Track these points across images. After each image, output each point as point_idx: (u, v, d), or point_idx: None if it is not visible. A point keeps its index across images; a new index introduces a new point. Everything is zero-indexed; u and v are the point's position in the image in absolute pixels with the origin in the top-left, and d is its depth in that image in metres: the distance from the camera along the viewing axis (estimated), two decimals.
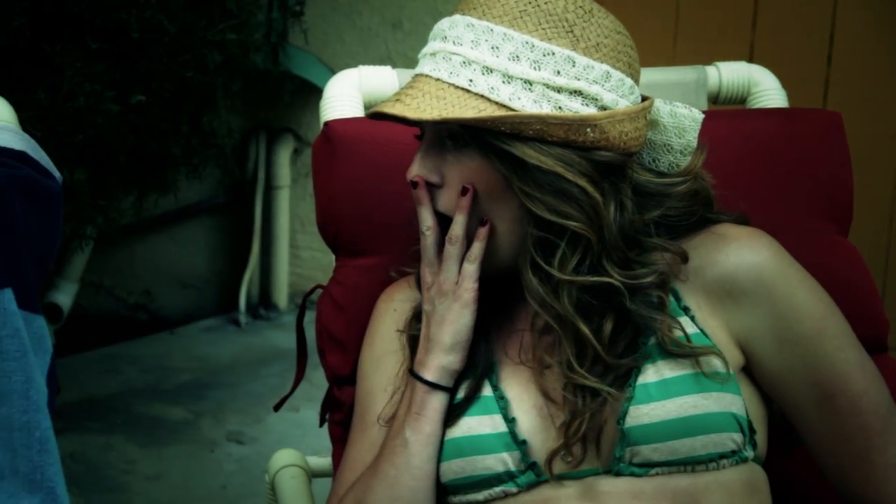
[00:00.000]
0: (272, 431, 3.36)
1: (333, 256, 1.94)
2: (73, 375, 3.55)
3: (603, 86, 1.55)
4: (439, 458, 1.60)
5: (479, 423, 1.59)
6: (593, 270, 1.55)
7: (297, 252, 4.06)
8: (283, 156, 3.93)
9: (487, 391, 1.60)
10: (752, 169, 1.88)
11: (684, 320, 1.57)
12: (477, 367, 1.62)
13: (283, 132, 3.92)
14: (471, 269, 1.59)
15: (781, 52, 3.37)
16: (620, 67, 1.57)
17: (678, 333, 1.55)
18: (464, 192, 1.56)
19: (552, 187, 1.53)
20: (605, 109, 1.55)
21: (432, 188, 1.60)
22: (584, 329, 1.54)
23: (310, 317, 1.87)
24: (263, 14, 3.45)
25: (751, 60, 2.13)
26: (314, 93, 3.81)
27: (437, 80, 1.56)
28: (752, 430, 1.57)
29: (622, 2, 3.64)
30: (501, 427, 1.58)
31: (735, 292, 1.58)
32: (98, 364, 3.65)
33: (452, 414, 1.60)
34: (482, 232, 1.58)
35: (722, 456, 1.54)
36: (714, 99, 2.07)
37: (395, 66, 2.04)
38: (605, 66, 1.55)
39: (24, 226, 1.71)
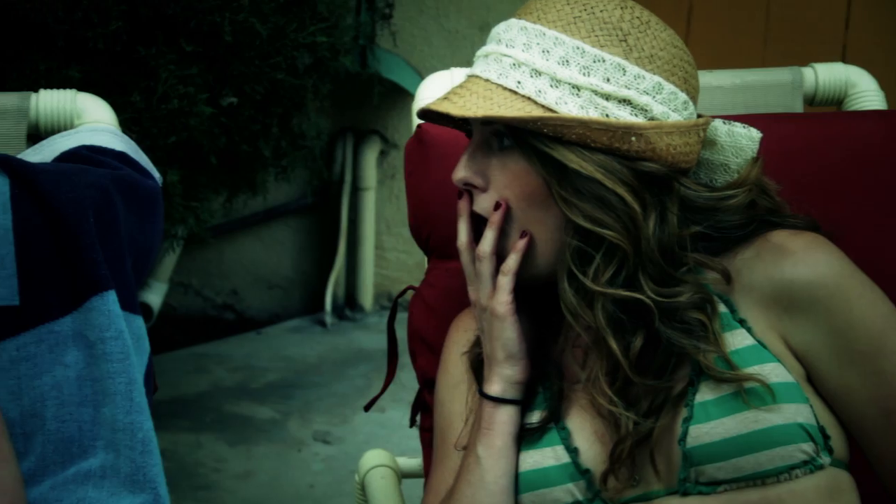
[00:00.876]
0: (359, 432, 3.38)
1: (421, 258, 1.95)
2: (163, 374, 3.60)
3: (654, 97, 1.53)
4: (516, 487, 1.60)
5: (542, 457, 1.58)
6: (628, 284, 1.52)
7: (382, 253, 4.07)
8: (370, 158, 3.94)
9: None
10: (850, 171, 1.86)
11: (740, 332, 1.55)
12: (544, 388, 1.61)
13: (369, 134, 3.94)
14: (504, 281, 1.57)
15: (875, 53, 3.32)
16: (674, 81, 1.54)
17: (718, 359, 1.52)
18: (496, 207, 1.56)
19: (591, 194, 1.51)
20: (654, 121, 1.53)
21: (475, 191, 1.60)
22: (613, 344, 1.52)
23: (399, 317, 1.88)
24: (352, 17, 3.47)
25: (844, 61, 2.10)
26: (401, 95, 3.82)
27: (487, 80, 1.55)
28: (826, 436, 1.53)
29: (712, 4, 3.62)
30: (564, 458, 1.57)
31: (791, 308, 1.55)
32: (187, 363, 3.69)
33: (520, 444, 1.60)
34: (520, 244, 1.56)
35: (793, 468, 1.50)
36: (810, 101, 2.04)
37: None
38: (658, 78, 1.53)
39: (126, 226, 1.73)
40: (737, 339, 1.54)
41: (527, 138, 1.52)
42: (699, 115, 1.60)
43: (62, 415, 1.65)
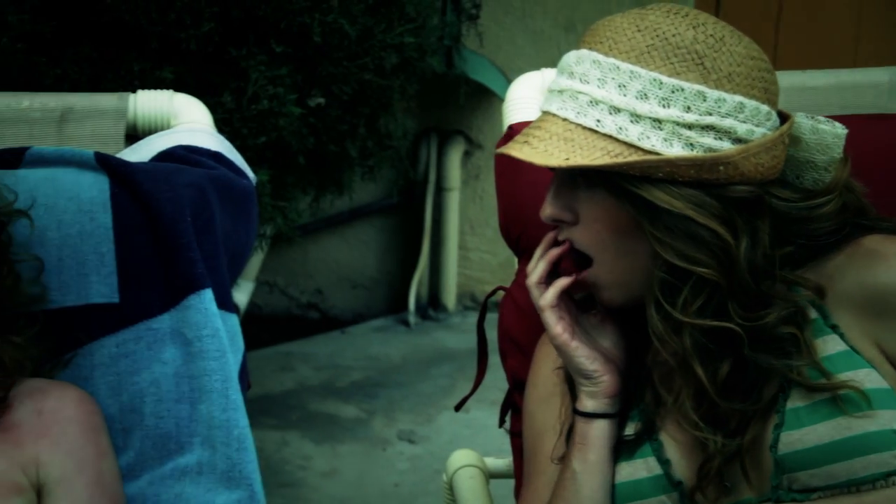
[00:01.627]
0: (443, 431, 3.39)
1: (505, 258, 1.95)
2: (249, 372, 3.63)
3: (736, 118, 1.50)
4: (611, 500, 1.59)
5: (635, 469, 1.58)
6: (717, 312, 1.51)
7: (465, 254, 4.08)
8: (454, 158, 3.95)
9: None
10: None
11: (832, 338, 1.53)
12: (638, 401, 1.61)
13: (454, 134, 3.95)
14: (544, 311, 1.60)
15: None
16: (755, 95, 1.51)
17: (810, 368, 1.50)
18: (557, 243, 1.57)
19: (682, 231, 1.49)
20: (739, 141, 1.50)
21: (565, 225, 1.59)
22: (699, 371, 1.51)
23: (477, 317, 1.88)
24: (439, 17, 3.48)
25: None
26: (486, 95, 3.83)
27: (565, 119, 1.53)
28: None
29: (803, 5, 3.58)
30: (657, 470, 1.57)
31: (885, 313, 1.52)
32: (273, 361, 3.72)
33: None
34: (577, 276, 1.58)
35: (889, 475, 1.48)
36: None
37: None
38: (738, 98, 1.50)
39: (222, 225, 1.76)
40: (829, 346, 1.53)
41: (614, 178, 1.51)
42: (780, 113, 1.57)
43: (160, 411, 1.67)
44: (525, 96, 2.01)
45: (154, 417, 1.67)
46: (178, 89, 1.93)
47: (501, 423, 1.94)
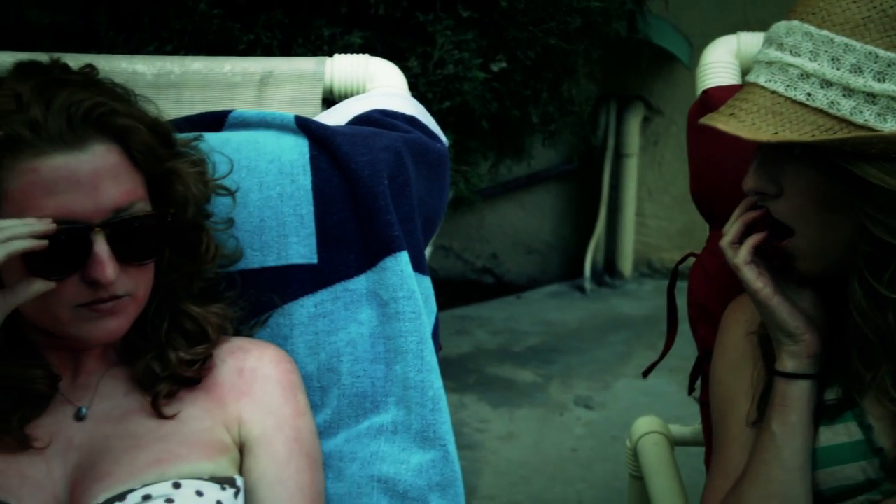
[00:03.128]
0: (620, 398, 3.37)
1: (683, 225, 1.92)
2: None
3: None
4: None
5: (834, 434, 1.56)
6: None
7: (643, 220, 4.05)
8: (633, 124, 3.92)
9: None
10: None
11: None
12: (840, 365, 1.58)
13: (634, 100, 3.91)
14: (741, 268, 1.58)
15: None
16: None
17: None
18: (754, 207, 1.55)
19: (894, 207, 1.46)
20: None
21: (768, 197, 1.56)
22: None
23: (654, 284, 1.85)
24: None
25: None
26: (668, 61, 3.78)
27: (773, 92, 1.50)
28: None
29: None
30: (857, 435, 1.54)
31: None
32: (449, 325, 3.75)
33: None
34: (776, 244, 1.55)
35: None
36: None
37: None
38: None
39: (416, 189, 1.77)
40: None
41: (824, 154, 1.48)
42: None
43: (356, 371, 1.70)
44: (720, 60, 1.97)
45: (351, 377, 1.70)
46: (365, 53, 1.95)
47: (691, 390, 1.92)
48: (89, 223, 1.48)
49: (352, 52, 1.94)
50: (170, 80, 1.84)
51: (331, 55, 1.93)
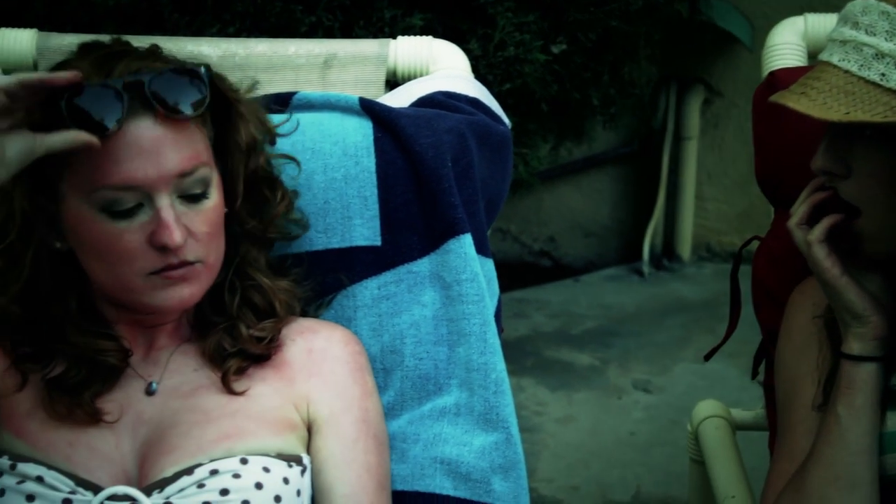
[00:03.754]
0: (679, 382, 3.36)
1: (743, 209, 1.91)
2: None
3: None
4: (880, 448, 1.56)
5: None
6: None
7: (702, 203, 4.02)
8: (694, 106, 3.89)
9: None
10: None
11: None
12: None
13: (694, 82, 3.88)
14: (812, 246, 1.56)
15: None
16: None
17: None
18: (822, 188, 1.52)
19: None
20: None
21: (836, 178, 1.55)
22: None
23: (713, 268, 1.84)
24: None
25: None
26: (728, 43, 3.75)
27: (846, 72, 1.49)
28: None
29: None
30: None
31: None
32: (507, 308, 3.71)
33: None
34: (843, 223, 1.54)
35: None
36: None
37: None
38: None
39: (480, 171, 1.77)
40: None
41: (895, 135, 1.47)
42: None
43: (419, 352, 1.71)
44: (786, 42, 1.96)
45: (414, 358, 1.70)
46: (425, 35, 1.95)
47: (754, 374, 1.91)
48: (154, 189, 1.49)
49: (412, 34, 1.94)
50: (234, 62, 1.84)
51: (391, 37, 1.93)
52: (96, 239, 1.50)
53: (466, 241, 1.71)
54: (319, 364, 1.61)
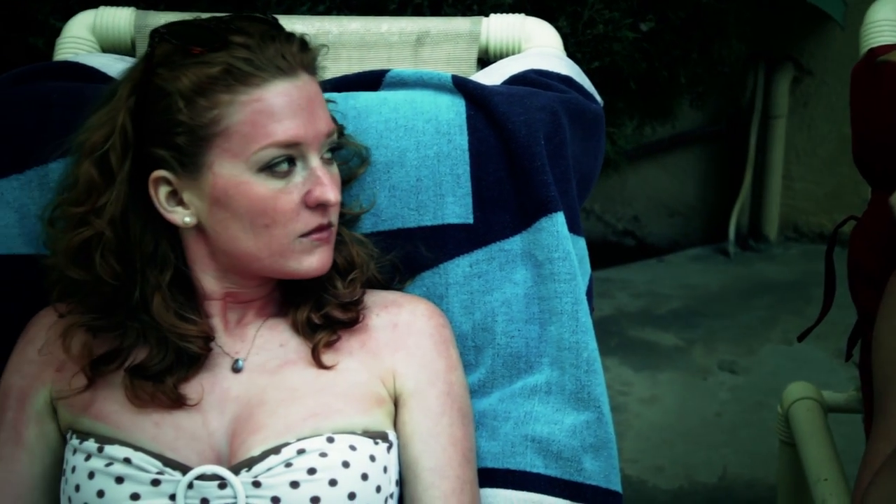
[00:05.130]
0: (766, 363, 3.33)
1: (832, 188, 1.88)
2: None
3: None
4: None
5: None
6: None
7: (790, 183, 3.98)
8: (783, 84, 3.84)
9: None
10: None
11: None
12: None
13: (783, 60, 3.84)
14: None
15: None
16: None
17: None
18: None
19: None
20: None
21: None
22: None
23: (800, 249, 1.82)
24: None
25: None
26: (819, 20, 3.70)
27: None
28: None
29: None
30: None
31: None
32: None
33: None
34: None
35: None
36: None
37: None
38: None
39: (572, 149, 1.76)
40: None
41: None
42: None
43: (510, 331, 1.70)
44: (887, 18, 1.92)
45: (505, 336, 1.70)
46: (514, 13, 1.94)
47: (848, 356, 1.89)
48: (309, 148, 1.53)
49: (502, 12, 1.93)
50: (327, 40, 1.85)
51: (481, 14, 1.92)
52: (252, 202, 1.52)
53: (559, 219, 1.71)
54: (405, 338, 1.61)
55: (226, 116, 1.50)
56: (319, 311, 1.60)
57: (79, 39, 1.88)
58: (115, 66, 1.79)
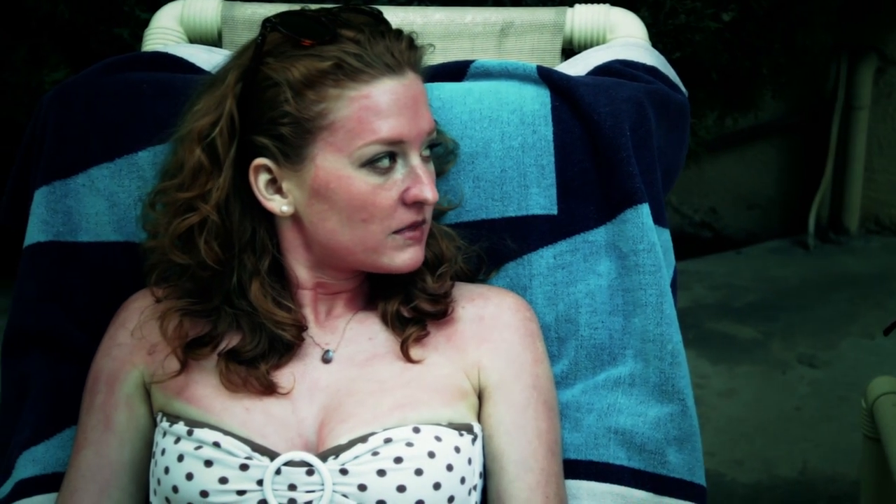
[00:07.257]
0: (846, 357, 3.30)
1: None
2: None
3: None
4: None
5: None
6: None
7: (872, 175, 3.93)
8: (866, 75, 3.80)
9: None
10: None
11: None
12: None
13: (866, 50, 3.79)
14: None
15: None
16: None
17: None
18: None
19: None
20: None
21: None
22: None
23: (881, 241, 1.80)
24: None
25: None
26: None
27: None
28: None
29: None
30: None
31: None
32: None
33: None
34: None
35: None
36: None
37: None
38: None
39: (657, 140, 1.75)
40: None
41: None
42: None
43: (594, 322, 1.70)
44: None
45: (588, 328, 1.70)
46: (595, 3, 1.93)
47: None
48: (412, 146, 1.54)
49: (586, 2, 1.92)
50: (412, 31, 1.85)
51: (563, 5, 1.91)
52: (352, 196, 1.53)
53: (644, 210, 1.70)
54: (490, 331, 1.61)
55: (333, 111, 1.51)
56: (409, 305, 1.60)
57: (167, 30, 1.89)
58: (202, 56, 1.81)
